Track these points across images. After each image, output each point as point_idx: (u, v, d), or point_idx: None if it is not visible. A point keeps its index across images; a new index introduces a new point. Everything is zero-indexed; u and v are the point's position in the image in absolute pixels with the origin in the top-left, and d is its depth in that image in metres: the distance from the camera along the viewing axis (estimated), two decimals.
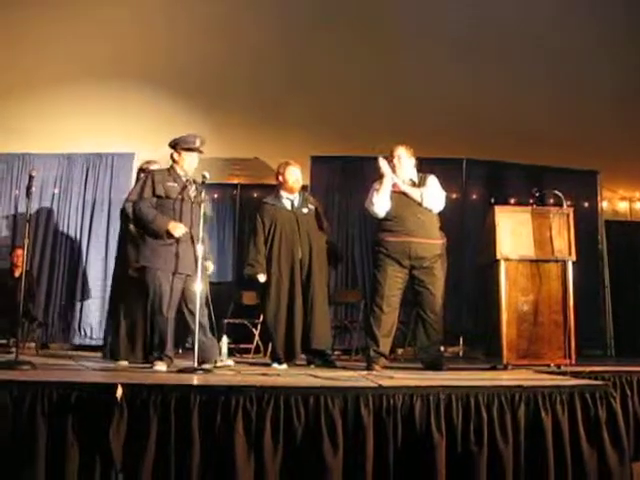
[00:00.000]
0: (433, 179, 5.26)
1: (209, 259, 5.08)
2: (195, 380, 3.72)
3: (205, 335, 4.68)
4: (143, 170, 5.70)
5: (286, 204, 5.56)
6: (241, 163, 9.54)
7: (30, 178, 4.58)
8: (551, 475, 3.28)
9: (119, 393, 3.10)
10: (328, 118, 9.12)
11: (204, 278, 4.78)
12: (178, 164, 4.86)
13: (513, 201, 8.05)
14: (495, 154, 8.72)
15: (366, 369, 4.90)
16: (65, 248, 8.41)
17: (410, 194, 5.12)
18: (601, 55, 9.00)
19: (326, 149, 8.55)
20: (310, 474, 3.11)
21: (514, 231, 5.04)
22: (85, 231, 8.42)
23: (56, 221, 8.45)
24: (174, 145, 4.87)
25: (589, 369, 4.55)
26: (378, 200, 5.10)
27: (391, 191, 5.12)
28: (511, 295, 4.96)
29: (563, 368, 4.77)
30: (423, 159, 5.46)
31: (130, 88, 9.03)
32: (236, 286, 8.17)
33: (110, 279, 7.96)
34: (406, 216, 5.06)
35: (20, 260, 7.19)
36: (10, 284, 7.11)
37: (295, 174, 5.60)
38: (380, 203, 5.10)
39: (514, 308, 4.95)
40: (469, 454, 3.24)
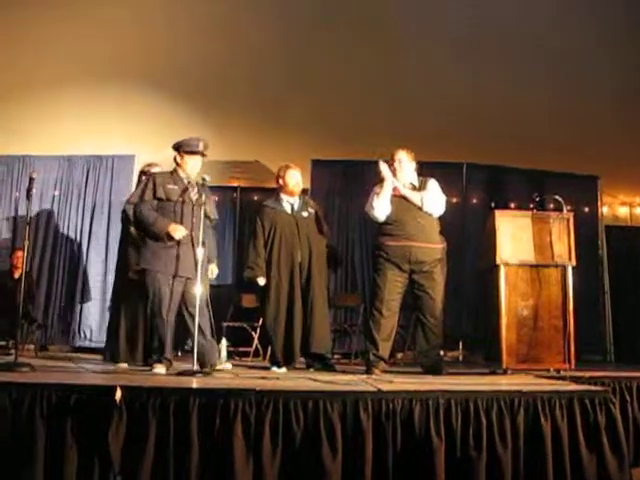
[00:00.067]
0: (433, 183, 5.26)
1: (213, 262, 5.06)
2: (194, 383, 3.71)
3: (205, 338, 4.68)
4: (144, 173, 5.70)
5: (286, 207, 5.56)
6: (241, 166, 9.53)
7: (30, 180, 4.59)
8: None
9: (118, 396, 3.09)
10: (329, 121, 9.13)
11: (205, 281, 4.78)
12: (181, 167, 4.86)
13: (513, 206, 8.04)
14: (495, 159, 8.71)
15: (365, 373, 4.90)
16: (65, 250, 8.40)
17: (410, 198, 5.12)
18: (601, 56, 9.01)
19: (327, 153, 8.54)
20: (309, 478, 3.10)
21: (514, 236, 5.03)
22: (85, 233, 8.41)
23: (56, 223, 8.45)
24: (177, 148, 4.86)
25: (589, 374, 4.55)
26: (378, 204, 5.10)
27: (391, 195, 5.12)
28: (511, 300, 4.96)
29: (563, 373, 4.77)
30: (424, 163, 5.46)
31: (130, 90, 9.03)
32: (236, 289, 8.15)
33: (110, 281, 8.02)
34: (406, 220, 5.06)
35: (20, 262, 7.19)
36: (10, 286, 7.11)
37: (295, 177, 5.59)
38: (380, 207, 5.10)
39: (514, 313, 4.94)
40: (468, 459, 3.23)
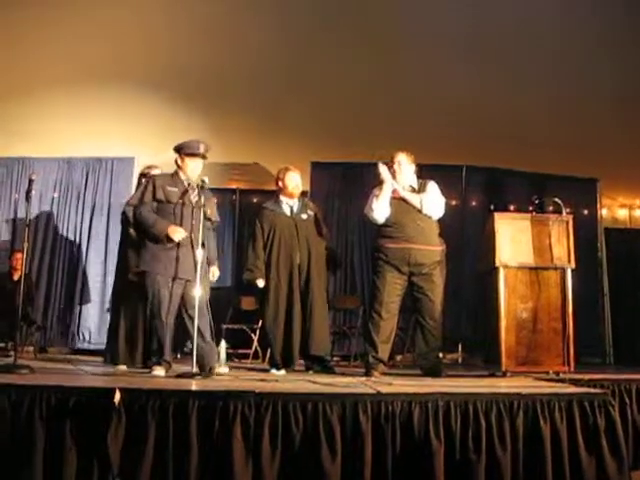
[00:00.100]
0: (433, 185, 5.26)
1: (214, 264, 5.04)
2: (193, 385, 3.71)
3: (204, 340, 4.66)
4: (144, 175, 5.70)
5: (285, 210, 5.56)
6: (241, 168, 9.53)
7: (30, 182, 4.59)
8: None
9: (117, 398, 3.09)
10: (328, 123, 9.13)
11: (205, 283, 4.76)
12: (182, 169, 4.85)
13: (513, 208, 8.03)
14: (495, 161, 8.72)
15: (365, 375, 4.90)
16: (64, 252, 8.38)
17: (410, 200, 5.13)
18: (601, 58, 9.00)
19: (326, 155, 8.54)
20: None
21: (513, 238, 5.04)
22: (84, 235, 8.40)
23: (55, 225, 8.43)
24: (178, 150, 4.86)
25: (588, 377, 4.55)
26: (378, 206, 5.11)
27: (391, 197, 5.12)
28: (510, 302, 4.96)
29: (562, 375, 4.76)
30: (423, 165, 5.46)
31: (130, 92, 9.03)
32: (235, 291, 8.15)
33: (109, 283, 8.02)
34: (406, 222, 5.06)
35: (19, 264, 7.18)
36: (9, 287, 7.10)
37: (295, 180, 5.59)
38: (380, 209, 5.10)
39: (513, 315, 4.95)
40: (467, 461, 3.23)
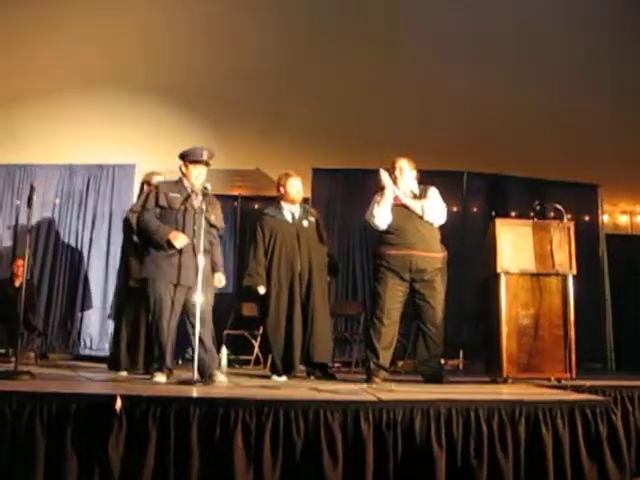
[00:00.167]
0: (434, 191, 5.25)
1: (220, 271, 4.95)
2: (194, 392, 3.70)
3: (205, 347, 4.63)
4: (146, 182, 5.70)
5: (287, 216, 5.55)
6: (242, 174, 9.54)
7: (31, 188, 4.61)
8: None
9: (118, 405, 3.09)
10: (329, 129, 9.16)
11: (210, 290, 4.72)
12: (186, 176, 4.86)
13: (514, 214, 8.04)
14: (496, 167, 8.72)
15: (366, 382, 4.89)
16: (66, 258, 8.39)
17: (411, 207, 5.12)
18: (602, 58, 9.05)
19: (328, 161, 8.54)
20: None
21: (515, 244, 5.02)
22: (86, 241, 8.40)
23: (57, 231, 8.44)
24: (182, 157, 4.86)
25: (589, 383, 4.53)
26: (379, 212, 5.10)
27: (392, 204, 5.12)
28: (511, 309, 4.94)
29: (563, 382, 4.75)
30: (424, 172, 5.46)
31: (132, 99, 9.07)
32: (236, 297, 8.14)
33: (110, 289, 8.05)
34: (407, 229, 5.06)
35: (21, 270, 7.20)
36: (10, 294, 7.12)
37: (296, 186, 5.59)
38: (381, 216, 5.09)
39: (514, 322, 4.93)
40: (469, 468, 3.22)
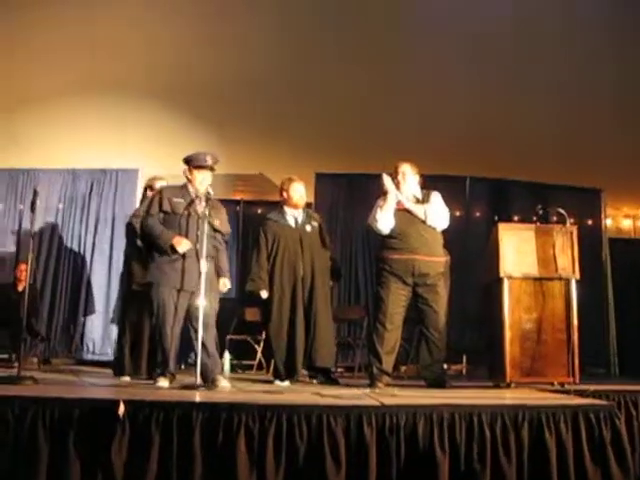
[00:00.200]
0: (437, 196, 5.25)
1: (225, 276, 4.93)
2: (197, 397, 3.70)
3: (208, 353, 4.62)
4: (149, 187, 5.71)
5: (290, 221, 5.56)
6: (245, 179, 9.54)
7: (35, 193, 4.61)
8: None
9: (121, 410, 3.09)
10: (333, 134, 9.16)
11: (214, 295, 4.71)
12: (190, 181, 4.87)
13: (517, 219, 8.04)
14: (499, 172, 8.72)
15: (369, 386, 4.88)
16: (69, 263, 8.40)
17: (414, 211, 5.12)
18: (602, 58, 9.05)
19: (331, 166, 8.55)
20: None
21: (518, 249, 5.02)
22: (89, 246, 8.41)
23: (60, 236, 8.45)
24: (187, 162, 4.87)
25: (593, 388, 4.52)
26: (382, 217, 5.10)
27: (395, 208, 5.12)
28: (514, 313, 4.94)
29: (567, 386, 4.73)
30: (427, 176, 5.46)
31: (134, 103, 9.08)
32: (239, 302, 8.13)
33: (113, 294, 8.05)
34: (410, 233, 5.06)
35: (24, 275, 7.20)
36: (13, 298, 7.12)
37: (299, 191, 5.60)
38: (384, 220, 5.09)
39: (517, 326, 4.92)
40: (472, 473, 3.21)
